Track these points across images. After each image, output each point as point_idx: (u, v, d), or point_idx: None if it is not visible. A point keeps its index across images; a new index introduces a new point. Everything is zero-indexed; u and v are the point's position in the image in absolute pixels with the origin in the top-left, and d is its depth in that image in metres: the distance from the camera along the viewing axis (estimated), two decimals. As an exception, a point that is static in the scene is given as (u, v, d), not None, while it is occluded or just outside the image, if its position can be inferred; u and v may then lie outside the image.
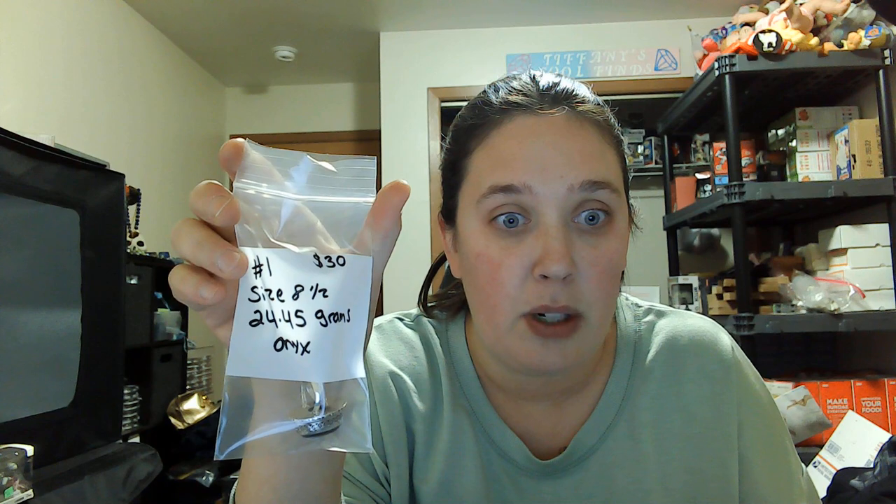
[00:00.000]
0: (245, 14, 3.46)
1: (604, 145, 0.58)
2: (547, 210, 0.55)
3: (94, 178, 2.14)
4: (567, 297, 0.54)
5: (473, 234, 0.58)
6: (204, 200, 0.36)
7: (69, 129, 2.81)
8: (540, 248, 0.54)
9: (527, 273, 0.55)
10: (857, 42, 2.29)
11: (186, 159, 3.99)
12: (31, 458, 1.56)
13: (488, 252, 0.56)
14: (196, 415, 3.14)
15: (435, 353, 0.68)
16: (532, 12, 3.55)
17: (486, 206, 0.57)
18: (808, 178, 2.43)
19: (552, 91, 0.59)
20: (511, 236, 0.56)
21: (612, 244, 0.56)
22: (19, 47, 2.57)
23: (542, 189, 0.55)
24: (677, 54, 3.60)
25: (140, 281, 2.80)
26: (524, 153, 0.56)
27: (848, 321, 2.14)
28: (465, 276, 0.61)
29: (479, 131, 0.59)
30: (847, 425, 1.92)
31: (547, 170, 0.55)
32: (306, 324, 0.36)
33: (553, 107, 0.57)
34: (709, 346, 0.66)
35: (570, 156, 0.56)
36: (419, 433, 0.65)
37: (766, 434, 0.65)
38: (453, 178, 0.62)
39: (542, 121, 0.57)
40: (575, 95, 0.59)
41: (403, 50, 3.73)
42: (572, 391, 0.65)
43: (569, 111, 0.58)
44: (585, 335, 0.56)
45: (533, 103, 0.58)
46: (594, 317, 0.56)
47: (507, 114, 0.58)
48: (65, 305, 2.01)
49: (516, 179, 0.55)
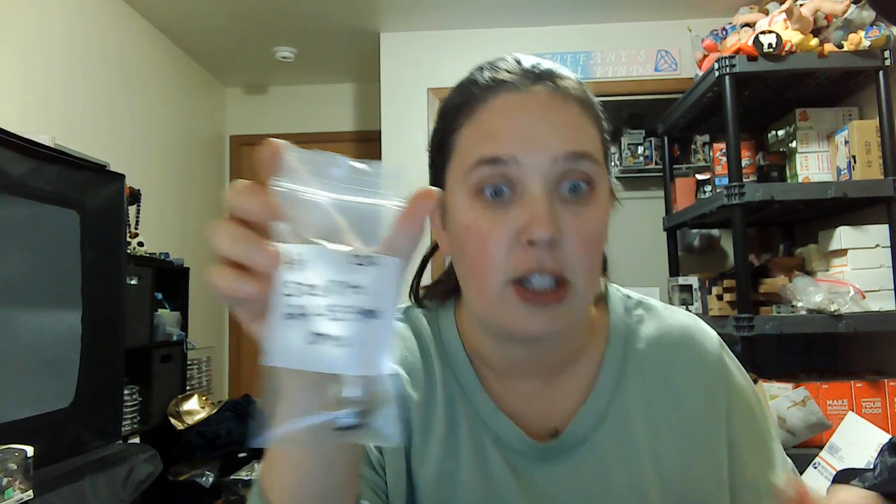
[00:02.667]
0: (245, 14, 3.46)
1: (585, 119, 0.61)
2: (532, 180, 0.57)
3: (95, 178, 2.14)
4: (553, 262, 0.57)
5: (462, 207, 0.60)
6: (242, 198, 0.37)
7: (69, 130, 2.81)
8: (526, 215, 0.57)
9: (514, 241, 0.57)
10: (857, 43, 2.29)
11: (187, 160, 4.00)
12: (31, 458, 1.56)
13: (477, 223, 0.59)
14: (196, 415, 3.14)
15: (426, 341, 0.69)
16: (532, 13, 3.55)
17: (473, 179, 0.59)
18: (808, 179, 2.43)
19: (535, 70, 0.62)
20: (498, 207, 0.58)
21: (594, 213, 0.59)
22: (19, 48, 2.58)
23: (528, 160, 0.57)
24: (677, 55, 3.60)
25: (140, 281, 2.80)
26: (510, 126, 0.59)
27: (848, 322, 2.14)
28: (455, 251, 0.64)
29: (466, 108, 0.62)
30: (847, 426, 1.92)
31: (532, 142, 0.58)
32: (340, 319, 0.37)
33: (536, 83, 0.61)
34: (697, 339, 0.69)
35: (555, 128, 0.59)
36: (415, 422, 0.66)
37: (752, 422, 0.68)
38: (441, 156, 0.65)
39: (527, 96, 0.60)
40: (556, 74, 0.62)
41: (404, 50, 3.73)
42: (561, 369, 0.67)
43: (552, 87, 0.61)
44: (572, 302, 0.59)
45: (518, 80, 0.61)
46: (580, 283, 0.58)
47: (493, 91, 0.61)
48: (65, 306, 2.01)
49: (503, 151, 0.58)
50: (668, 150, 3.30)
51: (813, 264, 2.42)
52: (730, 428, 0.67)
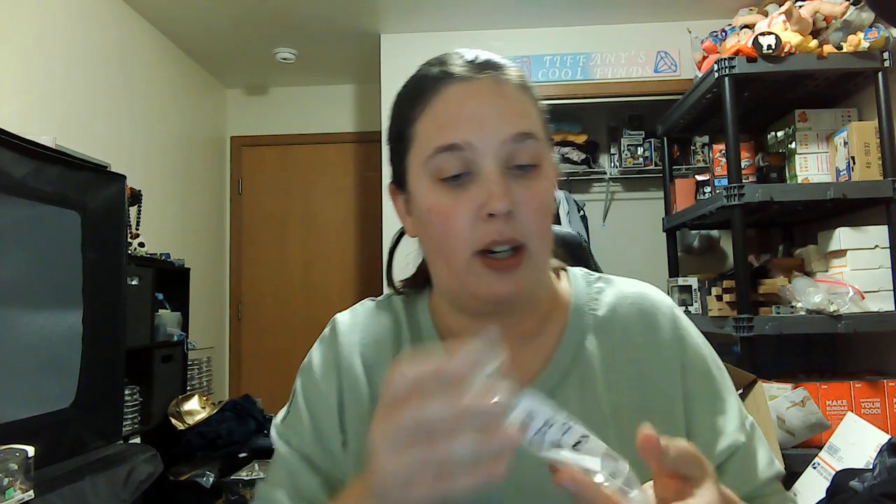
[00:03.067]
0: (246, 16, 3.47)
1: (527, 102, 0.68)
2: (486, 161, 0.64)
3: (96, 179, 2.14)
4: (511, 231, 0.63)
5: (425, 192, 0.66)
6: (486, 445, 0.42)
7: (70, 131, 2.81)
8: (484, 192, 0.63)
9: (475, 216, 0.63)
10: (856, 44, 2.30)
11: (187, 160, 4.00)
12: (31, 458, 1.57)
13: (440, 204, 0.65)
14: (196, 415, 3.14)
15: (400, 324, 0.75)
16: (532, 14, 3.55)
17: (433, 166, 0.65)
18: (808, 180, 2.44)
19: (478, 61, 0.68)
20: (458, 188, 0.65)
21: (542, 184, 0.66)
22: (20, 49, 2.58)
23: (481, 143, 0.64)
24: (677, 56, 3.60)
25: (141, 282, 2.81)
26: (462, 114, 0.65)
27: (847, 323, 2.14)
28: (421, 233, 0.70)
29: (421, 100, 0.67)
30: (846, 427, 1.93)
31: (483, 126, 0.64)
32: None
33: (481, 73, 0.67)
34: (651, 301, 0.75)
35: (501, 113, 0.65)
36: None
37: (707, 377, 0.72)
38: (401, 146, 0.70)
39: (474, 85, 0.66)
40: (497, 64, 0.68)
41: (404, 52, 3.73)
42: (528, 338, 0.72)
43: (495, 75, 0.67)
44: (530, 264, 0.65)
45: (465, 72, 0.67)
46: (535, 247, 0.65)
47: (444, 82, 0.67)
48: (66, 306, 2.02)
49: (458, 138, 0.64)
50: (668, 151, 3.31)
51: (812, 265, 2.42)
52: (685, 382, 0.71)
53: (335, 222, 4.53)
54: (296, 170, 4.55)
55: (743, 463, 0.69)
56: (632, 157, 3.77)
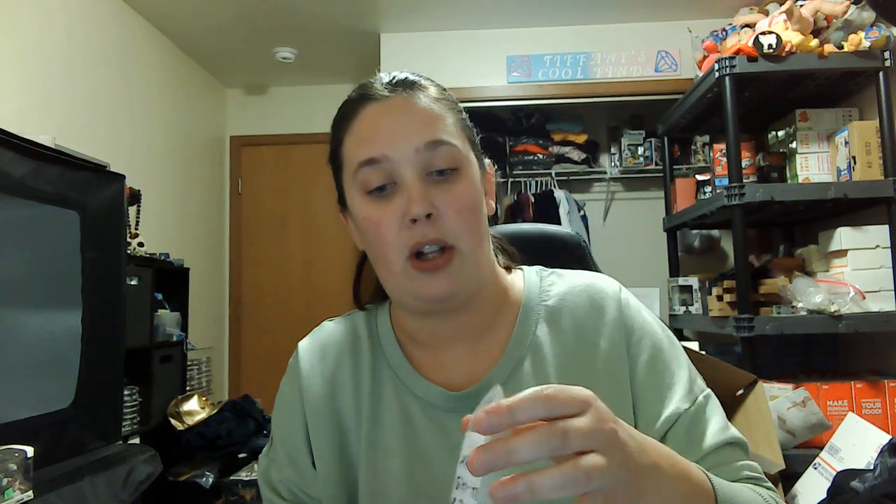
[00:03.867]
0: (245, 15, 3.47)
1: (439, 112, 0.71)
2: (403, 171, 0.68)
3: (95, 179, 2.14)
4: (435, 232, 0.67)
5: (358, 205, 0.71)
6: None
7: (70, 131, 2.81)
8: (405, 200, 0.67)
9: (401, 223, 0.68)
10: (857, 44, 2.29)
11: (187, 160, 4.00)
12: (31, 458, 1.56)
13: (370, 215, 0.70)
14: (196, 416, 3.14)
15: (360, 336, 0.80)
16: (532, 14, 3.55)
17: (359, 180, 0.70)
18: (809, 180, 2.43)
19: (392, 81, 0.73)
20: (384, 199, 0.69)
21: (463, 186, 0.70)
22: (20, 48, 2.58)
23: (396, 155, 0.68)
24: (677, 56, 3.60)
25: (140, 282, 2.80)
26: (377, 130, 0.70)
27: (848, 323, 2.14)
28: (363, 244, 0.75)
29: (345, 122, 0.74)
30: (847, 427, 1.92)
31: (396, 139, 0.69)
32: None
33: (394, 92, 0.72)
34: (598, 287, 0.78)
35: (412, 125, 0.69)
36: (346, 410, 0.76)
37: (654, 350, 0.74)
38: (336, 165, 0.75)
39: (388, 103, 0.71)
40: (411, 82, 0.73)
41: (404, 51, 3.73)
42: (482, 332, 0.76)
43: (406, 93, 0.72)
44: (461, 262, 0.69)
45: (379, 93, 0.72)
46: (464, 246, 0.69)
47: (361, 104, 0.72)
48: (65, 306, 2.01)
49: (375, 152, 0.69)
50: (669, 150, 3.30)
51: (813, 265, 2.42)
52: (631, 359, 0.73)
53: (335, 222, 4.51)
54: (295, 170, 4.55)
55: (687, 431, 0.69)
56: (632, 156, 3.76)
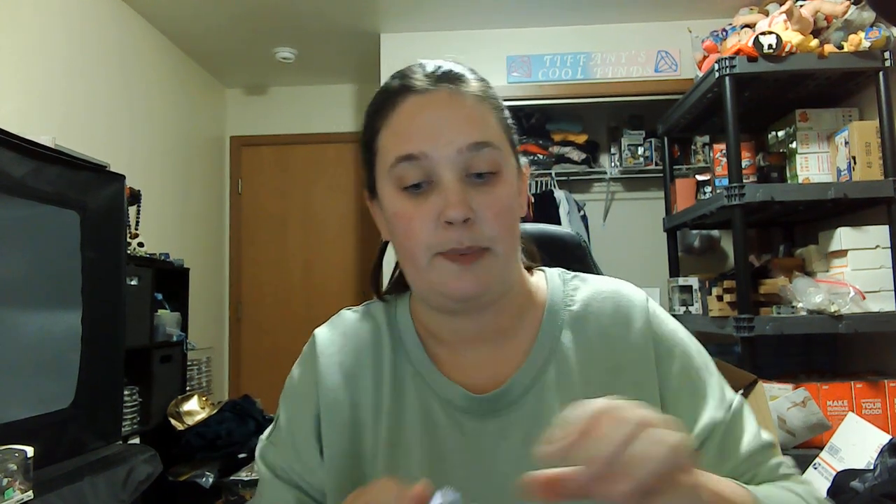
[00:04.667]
0: (245, 15, 3.46)
1: (483, 111, 0.69)
2: (443, 171, 0.66)
3: (95, 179, 2.14)
4: (470, 238, 0.65)
5: (390, 199, 0.70)
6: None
7: (70, 131, 2.81)
8: (442, 201, 0.65)
9: (436, 223, 0.66)
10: (857, 44, 2.29)
11: (187, 160, 4.00)
12: (31, 458, 1.56)
13: (403, 211, 0.68)
14: (196, 416, 3.14)
15: (378, 329, 0.78)
16: (532, 14, 3.55)
17: (395, 175, 0.68)
18: (809, 180, 2.43)
19: (436, 73, 0.71)
20: (419, 196, 0.67)
21: (502, 189, 0.68)
22: (20, 48, 2.58)
23: (436, 154, 0.66)
24: (677, 56, 3.60)
25: (140, 282, 2.80)
26: (417, 126, 0.68)
27: (848, 323, 2.14)
28: (391, 237, 0.73)
29: (383, 113, 0.71)
30: (847, 427, 1.92)
31: (438, 137, 0.66)
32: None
33: (438, 85, 0.69)
34: (624, 294, 0.77)
35: (455, 123, 0.67)
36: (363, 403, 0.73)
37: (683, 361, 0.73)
38: (369, 156, 0.74)
39: (429, 97, 0.69)
40: (455, 75, 0.71)
41: (404, 51, 3.73)
42: (505, 334, 0.74)
43: (451, 87, 0.69)
44: (493, 262, 0.67)
45: (422, 85, 0.69)
46: (499, 249, 0.67)
47: (402, 95, 0.70)
48: (65, 306, 2.01)
49: (414, 149, 0.67)
50: (669, 150, 3.30)
51: (813, 265, 2.42)
52: (660, 371, 0.72)
53: (335, 222, 4.52)
54: (295, 170, 4.55)
55: (723, 440, 0.69)
56: (632, 156, 3.76)
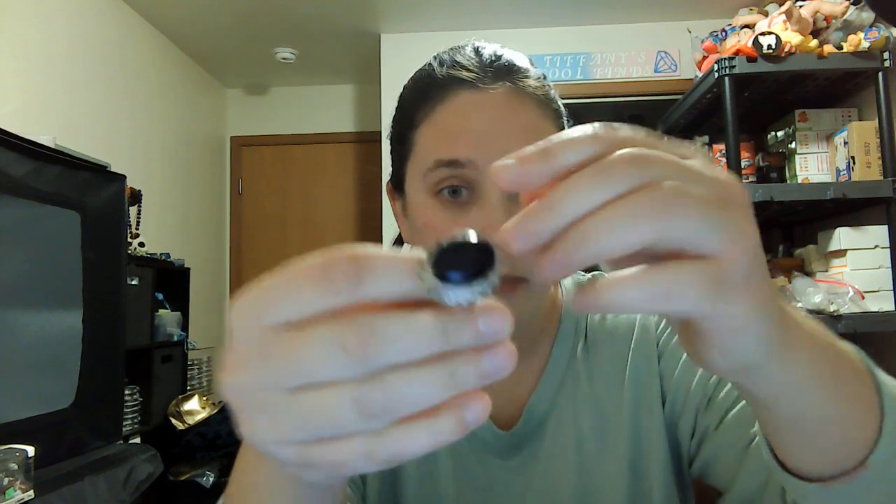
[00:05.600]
0: (246, 15, 3.47)
1: (544, 120, 0.60)
2: (490, 185, 0.56)
3: (95, 179, 2.14)
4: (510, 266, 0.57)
5: (421, 205, 0.60)
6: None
7: (70, 131, 2.81)
8: (485, 219, 0.56)
9: None
10: (856, 44, 2.29)
11: (187, 160, 4.00)
12: (31, 458, 1.57)
13: (435, 221, 0.58)
14: (197, 415, 3.14)
15: None
16: (532, 14, 3.55)
17: (431, 179, 0.58)
18: (808, 180, 2.44)
19: (494, 65, 0.60)
20: (456, 207, 0.58)
21: None
22: (20, 49, 2.58)
23: (485, 163, 0.55)
24: (677, 56, 3.60)
25: (141, 282, 2.81)
26: (467, 128, 0.57)
27: (847, 322, 2.14)
28: (411, 241, 0.65)
29: (424, 105, 0.61)
30: (846, 426, 1.92)
31: (489, 145, 0.56)
32: None
33: (495, 82, 0.59)
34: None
35: (511, 131, 0.57)
36: None
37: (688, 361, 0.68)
38: (401, 149, 0.64)
39: (484, 96, 0.58)
40: (517, 70, 0.60)
41: (404, 52, 3.73)
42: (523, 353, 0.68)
43: (510, 86, 0.59)
44: (527, 296, 0.58)
45: (475, 78, 0.59)
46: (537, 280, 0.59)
47: (450, 88, 0.59)
48: (66, 306, 2.01)
49: (460, 154, 0.57)
50: (668, 150, 3.30)
51: (812, 265, 2.42)
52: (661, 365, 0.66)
53: (335, 222, 4.53)
54: (295, 170, 4.55)
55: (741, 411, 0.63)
56: (632, 157, 3.77)
